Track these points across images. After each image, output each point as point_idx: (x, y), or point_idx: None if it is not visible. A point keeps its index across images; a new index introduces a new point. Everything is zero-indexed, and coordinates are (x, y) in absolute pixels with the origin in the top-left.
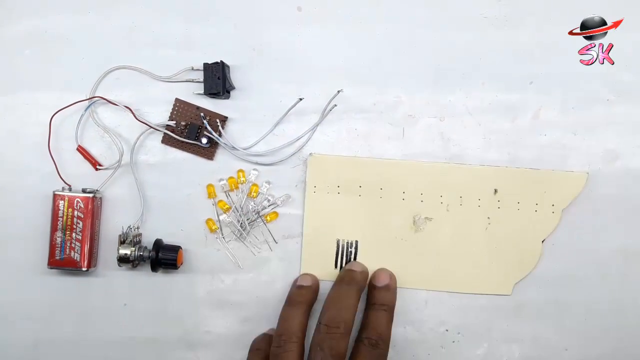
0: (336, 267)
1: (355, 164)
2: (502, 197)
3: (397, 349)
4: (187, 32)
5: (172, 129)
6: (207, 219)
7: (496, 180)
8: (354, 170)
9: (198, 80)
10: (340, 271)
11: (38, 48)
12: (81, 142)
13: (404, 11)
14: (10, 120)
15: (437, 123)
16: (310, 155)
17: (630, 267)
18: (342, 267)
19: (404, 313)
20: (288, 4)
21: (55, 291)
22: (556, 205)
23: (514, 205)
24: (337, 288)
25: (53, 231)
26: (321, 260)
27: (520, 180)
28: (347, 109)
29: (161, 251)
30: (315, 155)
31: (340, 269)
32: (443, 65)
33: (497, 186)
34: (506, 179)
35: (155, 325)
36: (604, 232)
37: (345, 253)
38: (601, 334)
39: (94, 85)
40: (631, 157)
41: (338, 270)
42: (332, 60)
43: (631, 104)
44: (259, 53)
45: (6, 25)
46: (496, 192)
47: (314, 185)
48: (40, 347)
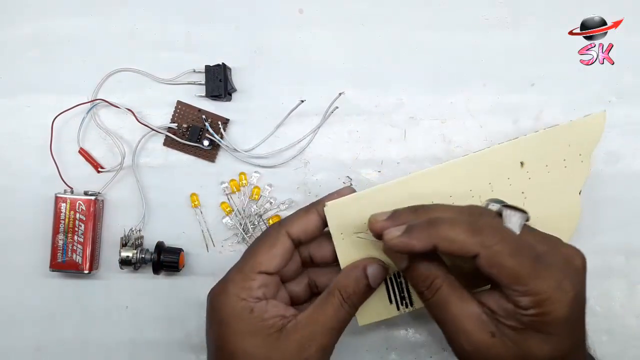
0: (391, 303)
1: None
2: (529, 168)
3: (398, 351)
4: (188, 35)
5: (173, 132)
6: (192, 193)
7: (519, 153)
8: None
9: (200, 82)
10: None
11: (40, 51)
12: (83, 144)
13: (405, 13)
14: (13, 123)
15: (438, 125)
16: (326, 206)
17: (631, 268)
18: (396, 299)
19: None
20: (289, 6)
21: (57, 294)
22: (583, 154)
23: (543, 170)
24: None
25: (55, 234)
26: (375, 301)
27: (542, 143)
28: (348, 111)
29: (163, 254)
30: (330, 204)
31: (394, 301)
32: (444, 67)
33: (521, 158)
34: (528, 148)
35: (157, 328)
36: (605, 233)
37: (396, 283)
38: (601, 334)
39: (95, 88)
40: (632, 158)
41: (394, 305)
42: (334, 63)
43: (632, 105)
44: (261, 55)
45: (9, 27)
46: (522, 164)
47: (340, 233)
48: (42, 350)
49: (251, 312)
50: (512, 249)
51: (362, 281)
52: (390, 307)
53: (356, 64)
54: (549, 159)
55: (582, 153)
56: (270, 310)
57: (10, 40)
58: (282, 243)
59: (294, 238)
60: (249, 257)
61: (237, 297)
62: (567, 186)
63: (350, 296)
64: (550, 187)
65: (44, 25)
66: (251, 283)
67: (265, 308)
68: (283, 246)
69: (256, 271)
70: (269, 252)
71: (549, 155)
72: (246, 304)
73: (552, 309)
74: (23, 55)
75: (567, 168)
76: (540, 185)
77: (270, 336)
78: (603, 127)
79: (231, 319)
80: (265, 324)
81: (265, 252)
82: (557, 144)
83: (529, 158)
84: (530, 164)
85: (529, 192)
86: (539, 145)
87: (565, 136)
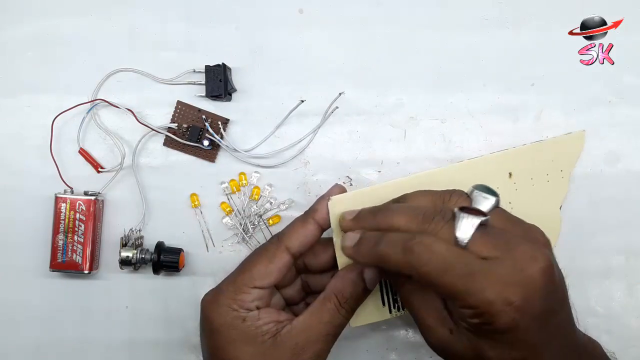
0: (384, 305)
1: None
2: (517, 179)
3: (398, 351)
4: (188, 35)
5: (173, 132)
6: (192, 193)
7: (508, 163)
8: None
9: (200, 82)
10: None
11: (40, 51)
12: (83, 144)
13: (405, 13)
14: (12, 123)
15: (438, 125)
16: (330, 201)
17: (631, 268)
18: (389, 302)
19: (406, 315)
20: (289, 6)
21: (57, 294)
22: (564, 170)
23: (528, 182)
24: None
25: (55, 234)
26: (368, 303)
27: (529, 156)
28: (348, 111)
29: (163, 254)
30: (334, 199)
31: (387, 304)
32: (444, 66)
33: (510, 169)
34: (516, 159)
35: (157, 328)
36: (606, 233)
37: (390, 286)
38: (601, 334)
39: (95, 88)
40: (633, 158)
41: (386, 307)
42: (334, 62)
43: (632, 105)
44: (261, 55)
45: (8, 27)
46: (511, 175)
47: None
48: (42, 350)
49: (244, 321)
50: (440, 269)
51: (359, 284)
52: (383, 310)
53: (356, 64)
54: (534, 172)
55: (562, 169)
56: (263, 317)
57: (10, 40)
58: (281, 259)
59: (293, 253)
60: (244, 270)
61: (228, 307)
62: (548, 200)
63: (347, 300)
64: (534, 199)
65: (44, 25)
66: (244, 296)
67: (258, 316)
68: (282, 262)
69: (250, 286)
70: (266, 268)
71: (534, 168)
72: (238, 314)
73: (493, 320)
74: (23, 55)
75: (549, 183)
76: (525, 196)
77: (264, 343)
78: (582, 146)
79: (223, 328)
80: (258, 331)
81: (263, 267)
82: (542, 158)
83: (517, 169)
84: (518, 175)
85: (515, 203)
86: (526, 158)
87: (549, 151)
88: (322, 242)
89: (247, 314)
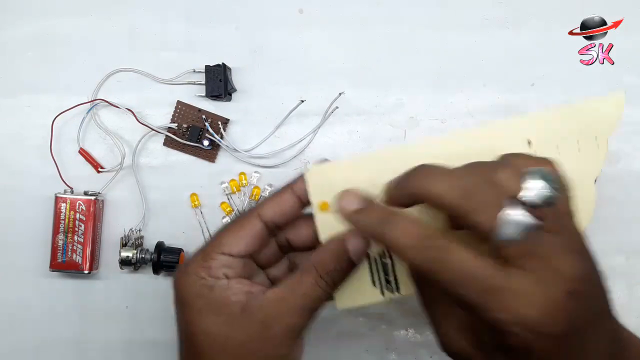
0: (374, 286)
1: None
2: (538, 148)
3: (399, 351)
4: (188, 35)
5: (173, 132)
6: (192, 193)
7: (526, 129)
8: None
9: (200, 82)
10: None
11: (40, 51)
12: (83, 144)
13: (405, 13)
14: (12, 123)
15: (438, 125)
16: (309, 167)
17: (631, 268)
18: (380, 282)
19: (406, 315)
20: (289, 6)
21: (57, 294)
22: (600, 137)
23: (554, 151)
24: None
25: (55, 234)
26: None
27: (552, 122)
28: (348, 111)
29: (163, 254)
30: (314, 168)
31: (378, 285)
32: (444, 66)
33: (529, 137)
34: (536, 125)
35: (157, 328)
36: (605, 233)
37: (381, 264)
38: None
39: (95, 88)
40: (633, 158)
41: (377, 288)
42: (334, 62)
43: (632, 105)
44: (261, 55)
45: (8, 27)
46: (530, 143)
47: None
48: (41, 350)
49: (211, 290)
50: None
51: (342, 255)
52: (374, 291)
53: (356, 64)
54: (560, 140)
55: (597, 136)
56: (233, 287)
57: (10, 40)
58: (252, 225)
59: (267, 220)
60: (213, 239)
61: (196, 275)
62: (580, 172)
63: (330, 272)
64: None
65: (44, 25)
66: (211, 262)
67: (227, 285)
68: (253, 229)
69: (218, 252)
70: (235, 234)
71: (560, 136)
72: (205, 282)
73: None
74: (23, 55)
75: (581, 152)
76: None
77: (232, 314)
78: (622, 109)
79: (190, 297)
80: (226, 300)
81: (231, 234)
82: (570, 124)
83: (537, 137)
84: (539, 144)
85: None
86: (548, 124)
87: (579, 116)
88: (304, 217)
89: (215, 282)
